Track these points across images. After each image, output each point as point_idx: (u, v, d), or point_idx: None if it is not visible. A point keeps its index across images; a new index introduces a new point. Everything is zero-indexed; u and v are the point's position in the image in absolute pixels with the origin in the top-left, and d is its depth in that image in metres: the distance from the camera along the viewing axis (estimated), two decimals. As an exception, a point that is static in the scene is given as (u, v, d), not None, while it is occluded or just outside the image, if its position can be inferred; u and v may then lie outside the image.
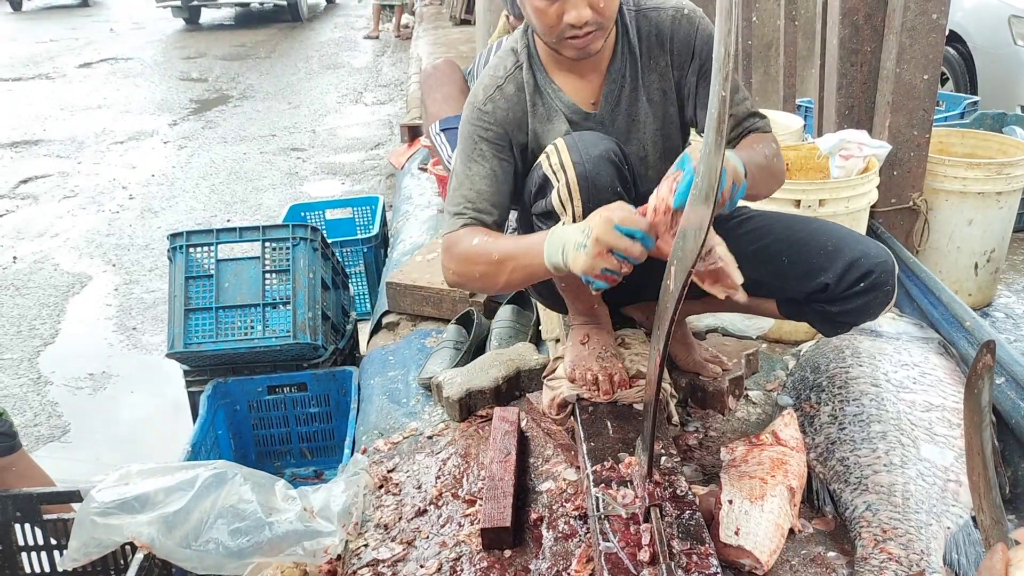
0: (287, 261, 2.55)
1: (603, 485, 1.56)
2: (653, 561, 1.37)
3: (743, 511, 1.53)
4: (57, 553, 1.97)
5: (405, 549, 1.70)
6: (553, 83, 1.69)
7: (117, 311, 4.09)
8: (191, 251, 2.53)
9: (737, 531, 1.49)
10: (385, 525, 1.78)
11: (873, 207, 2.40)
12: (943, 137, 2.72)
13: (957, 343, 2.01)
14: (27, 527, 1.96)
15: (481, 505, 1.71)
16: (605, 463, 1.61)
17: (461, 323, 2.52)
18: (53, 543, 1.96)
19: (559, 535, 1.66)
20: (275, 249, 2.57)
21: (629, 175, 1.61)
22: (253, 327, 2.48)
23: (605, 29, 1.57)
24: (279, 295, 2.52)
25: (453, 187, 1.70)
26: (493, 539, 1.64)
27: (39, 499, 1.94)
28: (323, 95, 8.35)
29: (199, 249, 2.55)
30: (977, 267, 2.56)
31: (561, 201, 1.56)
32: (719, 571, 1.35)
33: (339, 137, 6.89)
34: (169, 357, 2.52)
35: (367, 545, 1.73)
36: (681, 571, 1.35)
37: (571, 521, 1.69)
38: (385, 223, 3.88)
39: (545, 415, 1.94)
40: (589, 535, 1.60)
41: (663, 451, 1.62)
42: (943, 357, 1.96)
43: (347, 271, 3.17)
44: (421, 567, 1.64)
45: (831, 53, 2.56)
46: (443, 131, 2.72)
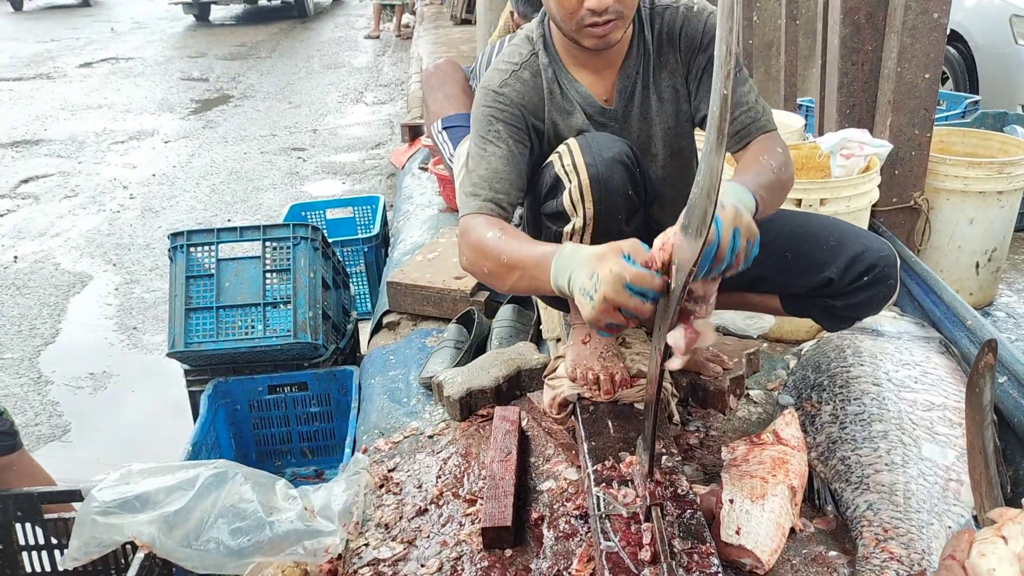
0: (288, 260, 2.55)
1: (604, 484, 1.55)
2: (654, 560, 1.37)
3: (744, 510, 1.52)
4: (58, 552, 1.96)
5: (406, 548, 1.70)
6: (569, 74, 1.67)
7: (118, 311, 4.09)
8: (192, 250, 2.53)
9: (738, 530, 1.49)
10: (386, 524, 1.78)
11: (874, 206, 2.40)
12: (944, 136, 2.72)
13: (958, 342, 2.01)
14: (28, 526, 1.96)
15: (482, 504, 1.71)
16: (606, 462, 1.61)
17: (462, 322, 2.52)
18: (54, 542, 1.96)
19: (560, 534, 1.66)
20: (276, 248, 2.57)
21: (641, 177, 1.61)
22: (254, 326, 2.48)
23: (625, 19, 1.55)
24: (280, 294, 2.51)
25: (469, 168, 1.66)
26: (494, 538, 1.64)
27: (40, 498, 1.93)
28: (324, 95, 8.35)
29: (200, 249, 2.54)
30: (978, 266, 2.56)
31: (572, 203, 1.56)
32: (720, 570, 1.35)
33: (340, 137, 6.89)
34: (170, 356, 2.52)
35: (368, 544, 1.73)
36: (682, 570, 1.35)
37: (572, 520, 1.69)
38: (386, 223, 3.88)
39: (546, 414, 1.94)
40: (590, 534, 1.60)
41: (664, 450, 1.62)
42: (944, 356, 1.96)
43: (348, 271, 3.17)
44: (422, 566, 1.64)
45: (832, 52, 2.56)
46: (445, 129, 2.72)
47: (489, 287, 2.48)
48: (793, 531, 1.59)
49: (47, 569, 1.98)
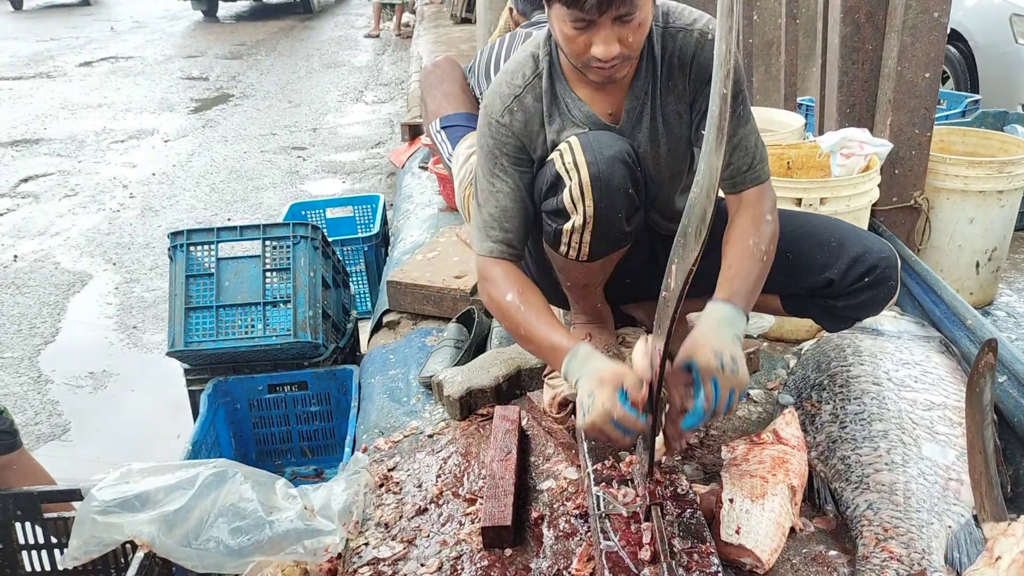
0: (288, 260, 2.55)
1: (604, 484, 1.55)
2: (654, 560, 1.37)
3: (744, 510, 1.52)
4: (57, 552, 1.96)
5: (406, 548, 1.70)
6: (573, 93, 1.65)
7: (117, 310, 4.09)
8: (192, 250, 2.53)
9: (738, 530, 1.49)
10: (386, 524, 1.78)
11: (874, 205, 2.40)
12: (944, 136, 2.72)
13: (959, 341, 2.00)
14: (28, 525, 1.96)
15: (482, 504, 1.71)
16: (606, 462, 1.61)
17: (462, 322, 2.52)
18: (54, 542, 1.96)
19: (560, 534, 1.66)
20: (276, 248, 2.57)
21: (641, 177, 1.60)
22: (254, 326, 2.48)
23: (632, 58, 1.54)
24: (280, 294, 2.51)
25: (480, 201, 1.70)
26: (494, 538, 1.64)
27: (40, 498, 1.93)
28: (324, 94, 8.35)
29: (200, 248, 2.54)
30: (978, 266, 2.56)
31: (572, 200, 1.56)
32: (720, 570, 1.35)
33: (340, 136, 6.89)
34: (170, 356, 2.52)
35: (368, 544, 1.73)
36: (682, 570, 1.35)
37: (572, 520, 1.69)
38: (386, 222, 3.88)
39: (546, 413, 1.94)
40: (590, 534, 1.60)
41: (664, 450, 1.61)
42: (944, 356, 1.96)
43: (348, 270, 3.17)
44: (422, 566, 1.64)
45: (832, 51, 2.55)
46: (443, 129, 2.70)
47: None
48: (793, 530, 1.59)
49: (47, 568, 1.98)
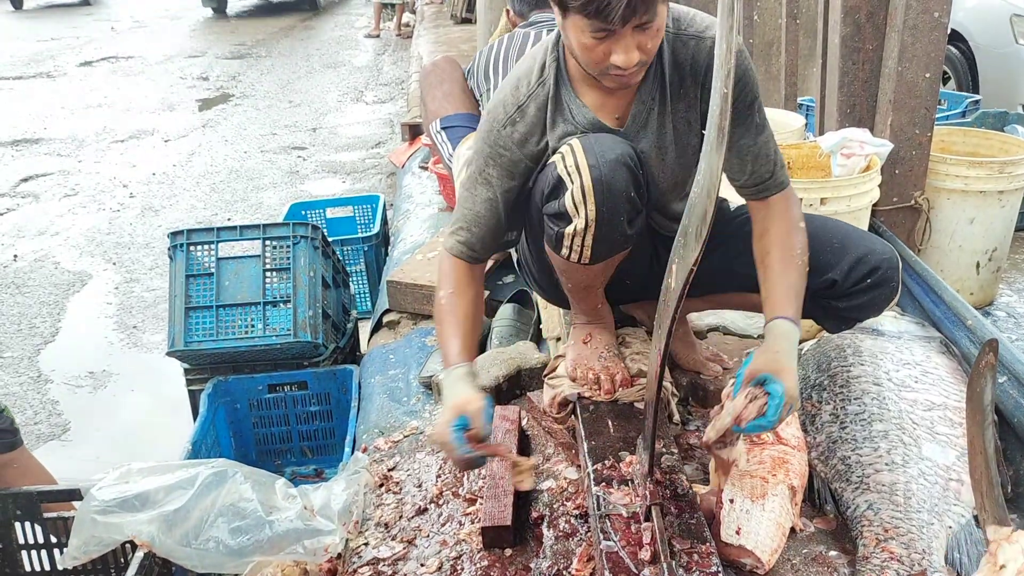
0: (287, 259, 2.55)
1: (604, 484, 1.55)
2: (654, 560, 1.37)
3: (744, 510, 1.52)
4: (57, 551, 1.96)
5: (406, 548, 1.70)
6: (579, 99, 1.64)
7: (117, 309, 4.09)
8: (192, 249, 2.53)
9: (738, 530, 1.49)
10: (385, 524, 1.78)
11: (875, 206, 2.40)
12: (945, 136, 2.71)
13: (959, 342, 2.00)
14: (27, 525, 1.96)
15: (482, 504, 1.71)
16: (606, 462, 1.61)
17: (462, 322, 2.52)
18: (53, 541, 1.96)
19: (560, 534, 1.66)
20: (276, 247, 2.57)
21: (643, 180, 1.60)
22: (253, 325, 2.48)
23: (648, 63, 1.53)
24: (279, 293, 2.51)
25: (461, 197, 1.72)
26: (494, 538, 1.64)
27: (39, 497, 1.93)
28: (324, 94, 8.34)
29: (200, 247, 2.54)
30: (979, 266, 2.56)
31: (574, 204, 1.55)
32: (720, 570, 1.35)
33: (340, 136, 6.89)
34: (169, 355, 2.52)
35: (367, 544, 1.73)
36: (682, 570, 1.34)
37: (572, 520, 1.69)
38: (386, 221, 3.88)
39: (546, 414, 1.94)
40: (590, 534, 1.60)
41: (664, 450, 1.62)
42: (945, 356, 1.96)
43: (348, 269, 3.17)
44: (422, 565, 1.63)
45: (833, 51, 2.55)
46: (443, 129, 2.70)
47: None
48: (793, 531, 1.59)
49: (46, 568, 1.98)
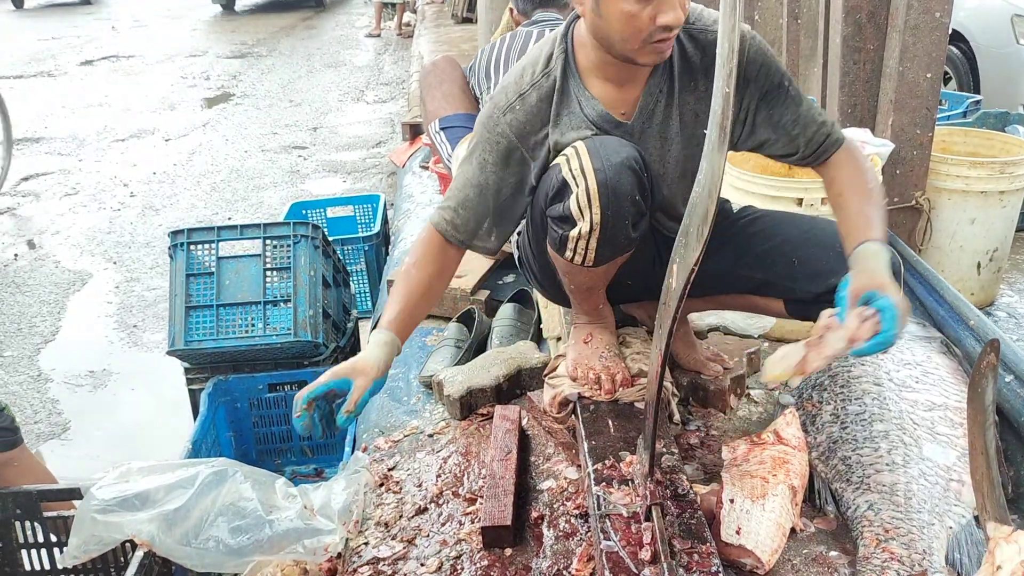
0: (288, 259, 2.55)
1: (604, 484, 1.55)
2: (654, 560, 1.37)
3: (744, 510, 1.52)
4: (57, 550, 1.96)
5: (406, 547, 1.70)
6: (587, 91, 1.64)
7: (118, 309, 4.09)
8: (192, 249, 2.53)
9: (738, 530, 1.49)
10: (386, 523, 1.78)
11: (875, 206, 2.39)
12: (946, 136, 2.71)
13: (961, 342, 2.00)
14: (27, 524, 1.96)
15: (482, 503, 1.71)
16: (606, 462, 1.61)
17: (462, 321, 2.52)
18: (53, 540, 1.96)
19: (560, 534, 1.66)
20: (276, 247, 2.56)
21: (648, 183, 1.60)
22: (254, 325, 2.47)
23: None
24: (280, 293, 2.51)
25: (456, 175, 1.74)
26: (494, 537, 1.63)
27: (39, 496, 1.93)
28: (325, 93, 8.34)
29: (200, 247, 2.54)
30: (980, 266, 2.56)
31: (579, 207, 1.55)
32: (720, 570, 1.35)
33: (340, 135, 6.89)
34: (170, 355, 2.52)
35: (367, 543, 1.72)
36: (682, 570, 1.34)
37: (572, 520, 1.69)
38: (386, 221, 3.88)
39: (546, 413, 1.94)
40: (590, 534, 1.60)
41: (664, 450, 1.61)
42: (946, 356, 1.95)
43: (348, 269, 3.17)
44: (422, 565, 1.63)
45: (834, 51, 2.55)
46: (443, 130, 2.70)
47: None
48: (794, 531, 1.58)
49: (46, 567, 1.98)
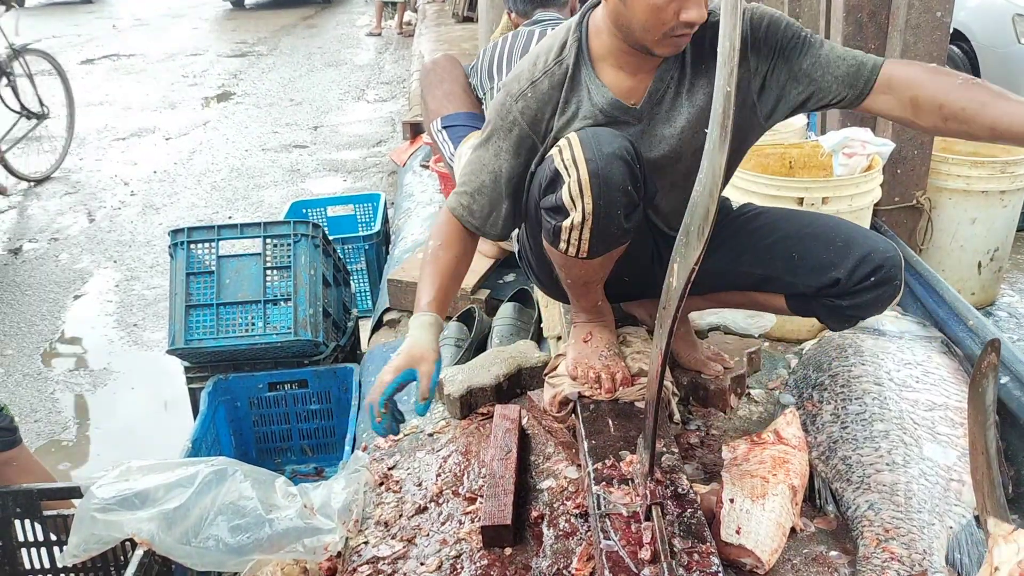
0: (288, 258, 2.55)
1: (604, 483, 1.55)
2: (654, 559, 1.36)
3: (744, 510, 1.52)
4: (57, 549, 1.97)
5: (405, 546, 1.70)
6: (598, 79, 1.65)
7: (118, 307, 4.09)
8: (192, 247, 2.53)
9: (738, 530, 1.49)
10: (385, 522, 1.78)
11: (876, 205, 2.39)
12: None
13: (961, 342, 2.00)
14: (27, 523, 1.96)
15: (482, 503, 1.71)
16: (606, 461, 1.61)
17: (462, 320, 2.52)
18: (53, 539, 1.96)
19: (560, 533, 1.66)
20: (276, 246, 2.56)
21: (641, 174, 1.60)
22: (254, 324, 2.47)
23: None
24: (280, 292, 2.51)
25: (469, 159, 1.75)
26: (494, 537, 1.63)
27: (39, 495, 1.94)
28: (325, 92, 8.34)
29: (200, 245, 2.54)
30: (980, 266, 2.56)
31: (571, 198, 1.55)
32: (720, 570, 1.35)
33: (341, 134, 6.89)
34: (170, 353, 2.52)
35: (367, 542, 1.72)
36: (682, 570, 1.34)
37: (572, 519, 1.69)
38: (387, 220, 3.88)
39: (546, 413, 1.94)
40: (590, 533, 1.60)
41: (664, 449, 1.61)
42: (946, 356, 1.95)
43: (348, 268, 3.17)
44: (421, 564, 1.63)
45: (835, 51, 2.55)
46: (444, 128, 2.70)
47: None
48: (794, 531, 1.58)
49: (46, 566, 1.98)
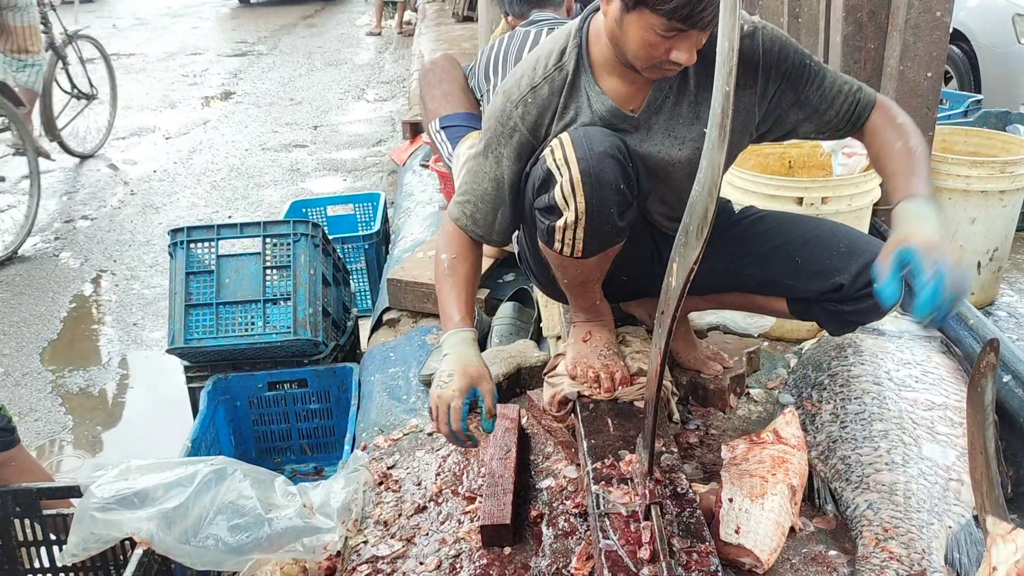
0: (288, 257, 2.55)
1: (603, 483, 1.55)
2: (653, 559, 1.37)
3: (743, 509, 1.52)
4: (56, 548, 1.96)
5: (405, 546, 1.70)
6: (597, 86, 1.64)
7: (117, 307, 4.09)
8: (192, 247, 2.53)
9: (737, 529, 1.49)
10: (385, 522, 1.78)
11: (876, 205, 2.39)
12: (946, 135, 2.71)
13: (960, 341, 2.00)
14: (26, 522, 1.96)
15: (481, 502, 1.71)
16: (606, 460, 1.61)
17: (462, 320, 2.51)
18: (52, 538, 1.96)
19: (559, 532, 1.66)
20: (276, 245, 2.56)
21: (633, 173, 1.60)
22: (253, 323, 2.47)
23: None
24: (280, 291, 2.51)
25: (469, 168, 1.74)
26: (493, 536, 1.63)
27: (39, 494, 1.93)
28: (325, 91, 8.33)
29: (200, 245, 2.54)
30: (980, 266, 2.56)
31: (564, 197, 1.55)
32: (719, 569, 1.35)
33: (341, 133, 6.88)
34: (169, 353, 2.52)
35: (366, 542, 1.72)
36: (681, 569, 1.34)
37: (571, 518, 1.69)
38: (386, 220, 3.87)
39: (546, 412, 1.94)
40: (589, 532, 1.60)
41: (664, 449, 1.61)
42: (945, 356, 1.96)
43: (348, 267, 3.17)
44: (421, 564, 1.63)
45: (834, 50, 2.55)
46: (443, 129, 2.70)
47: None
48: (793, 530, 1.58)
49: (46, 565, 1.98)
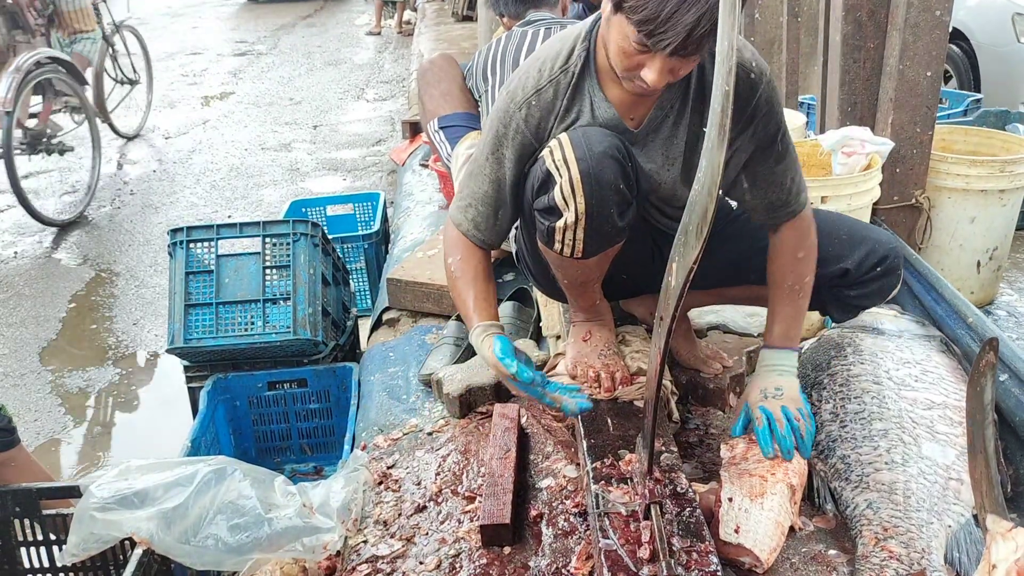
0: (287, 257, 2.54)
1: (603, 482, 1.55)
2: (653, 558, 1.37)
3: (743, 509, 1.52)
4: (56, 548, 1.96)
5: (404, 545, 1.70)
6: (602, 93, 1.63)
7: (117, 307, 4.09)
8: (191, 247, 2.53)
9: (737, 529, 1.49)
10: (384, 521, 1.78)
11: (875, 204, 2.40)
12: (946, 134, 2.71)
13: (960, 340, 2.00)
14: (26, 522, 1.96)
15: (481, 502, 1.70)
16: (605, 460, 1.61)
17: (461, 319, 2.52)
18: (52, 538, 1.96)
19: (559, 532, 1.66)
20: (275, 245, 2.56)
21: (633, 172, 1.60)
22: (253, 323, 2.47)
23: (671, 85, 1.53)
24: (279, 291, 2.51)
25: (470, 170, 1.74)
26: (492, 536, 1.63)
27: (38, 494, 1.93)
28: (325, 91, 8.33)
29: (199, 245, 2.54)
30: (979, 265, 2.56)
31: (563, 197, 1.55)
32: (719, 569, 1.35)
33: (340, 133, 6.88)
34: (169, 353, 2.52)
35: (366, 541, 1.72)
36: (681, 569, 1.34)
37: (571, 518, 1.69)
38: (386, 219, 3.87)
39: (545, 412, 1.94)
40: (589, 532, 1.60)
41: (663, 448, 1.61)
42: (945, 355, 1.95)
43: (348, 267, 3.17)
44: (420, 563, 1.63)
45: (834, 49, 2.55)
46: (441, 129, 2.70)
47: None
48: (792, 530, 1.58)
49: (45, 565, 1.98)
